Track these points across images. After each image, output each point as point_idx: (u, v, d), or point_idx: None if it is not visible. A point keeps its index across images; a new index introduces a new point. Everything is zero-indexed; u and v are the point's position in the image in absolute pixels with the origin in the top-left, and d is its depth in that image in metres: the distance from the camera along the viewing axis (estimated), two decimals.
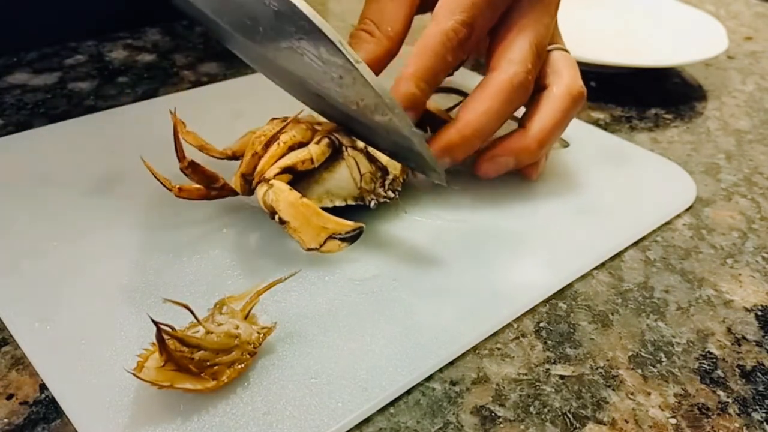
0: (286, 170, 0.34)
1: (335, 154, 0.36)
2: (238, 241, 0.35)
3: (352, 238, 0.32)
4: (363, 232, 0.32)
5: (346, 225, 0.32)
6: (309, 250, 0.32)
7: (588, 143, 0.47)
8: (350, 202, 0.35)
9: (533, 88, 0.38)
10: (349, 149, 0.36)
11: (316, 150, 0.35)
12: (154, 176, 0.34)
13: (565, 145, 0.45)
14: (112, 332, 0.29)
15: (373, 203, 0.35)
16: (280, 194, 0.32)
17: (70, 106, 0.48)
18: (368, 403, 0.27)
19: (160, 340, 0.25)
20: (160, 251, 0.34)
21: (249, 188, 0.35)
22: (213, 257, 0.34)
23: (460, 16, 0.36)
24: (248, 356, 0.27)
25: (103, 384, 0.27)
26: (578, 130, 0.48)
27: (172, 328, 0.26)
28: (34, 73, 0.53)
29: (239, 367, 0.27)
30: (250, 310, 0.29)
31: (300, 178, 0.35)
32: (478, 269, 0.34)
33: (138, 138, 0.42)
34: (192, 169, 0.33)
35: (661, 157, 0.46)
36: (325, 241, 0.32)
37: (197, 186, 0.34)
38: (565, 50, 0.41)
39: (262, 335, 0.28)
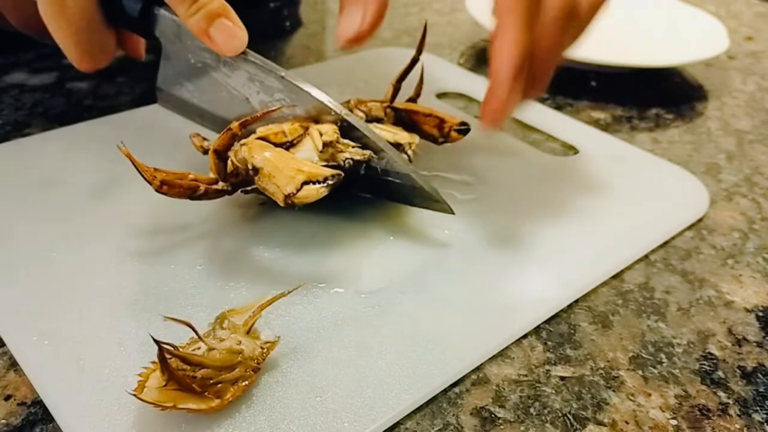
0: (259, 139, 0.33)
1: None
2: (241, 253, 0.34)
3: (331, 184, 0.31)
4: (342, 179, 0.31)
5: (324, 170, 0.31)
6: (286, 199, 0.31)
7: (597, 149, 0.46)
8: (321, 164, 0.33)
9: None
10: (315, 125, 0.35)
11: (288, 126, 0.34)
12: (134, 166, 0.32)
13: (575, 152, 0.45)
14: (112, 348, 0.28)
15: (347, 163, 0.33)
16: (254, 145, 0.32)
17: (68, 106, 0.48)
18: (375, 423, 0.26)
19: (162, 360, 0.24)
20: (160, 262, 0.33)
21: (224, 168, 0.33)
22: (214, 269, 0.33)
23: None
24: (252, 373, 0.27)
25: (102, 403, 0.26)
26: (586, 135, 0.48)
27: (174, 347, 0.25)
28: (32, 72, 0.53)
29: (243, 384, 0.26)
30: (252, 325, 0.28)
31: None
32: (485, 281, 0.34)
33: (138, 143, 0.41)
34: (167, 186, 0.32)
35: (673, 165, 0.45)
36: (301, 186, 0.30)
37: (180, 182, 0.33)
38: None
39: (265, 350, 0.27)
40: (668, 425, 0.28)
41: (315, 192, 0.30)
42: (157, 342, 0.24)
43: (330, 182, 0.31)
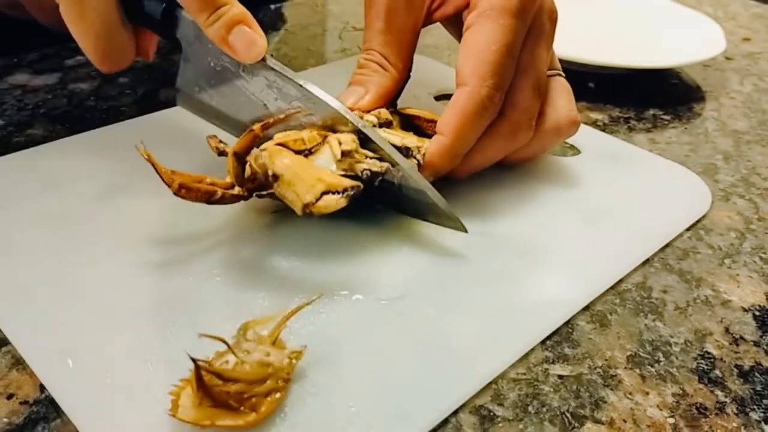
0: (279, 146, 0.33)
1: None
2: (257, 262, 0.34)
3: (350, 195, 0.30)
4: (361, 190, 0.31)
5: (344, 181, 0.31)
6: (304, 207, 0.30)
7: (599, 149, 0.46)
8: (338, 173, 0.33)
9: None
10: (334, 133, 0.35)
11: (307, 134, 0.34)
12: (153, 166, 0.32)
13: (576, 152, 0.45)
14: (138, 364, 0.28)
15: (365, 174, 0.33)
16: (275, 151, 0.32)
17: (70, 107, 0.49)
18: (411, 431, 0.26)
19: (199, 378, 0.24)
20: (178, 273, 0.33)
21: (242, 172, 0.33)
22: (233, 279, 0.33)
23: (492, 80, 0.35)
24: (283, 384, 0.26)
25: (136, 422, 0.26)
26: (587, 135, 0.48)
27: (209, 363, 0.25)
28: (34, 73, 0.53)
29: (277, 396, 0.26)
30: (278, 335, 0.28)
31: None
32: (504, 284, 0.34)
33: (152, 149, 0.40)
34: (186, 190, 0.32)
35: (675, 164, 0.45)
36: (321, 196, 0.30)
37: (198, 186, 0.33)
38: (561, 74, 0.41)
39: (293, 360, 0.27)
40: (666, 423, 0.28)
41: (334, 202, 0.30)
42: (194, 360, 0.24)
43: (349, 193, 0.30)
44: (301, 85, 0.35)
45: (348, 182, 0.31)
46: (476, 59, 0.36)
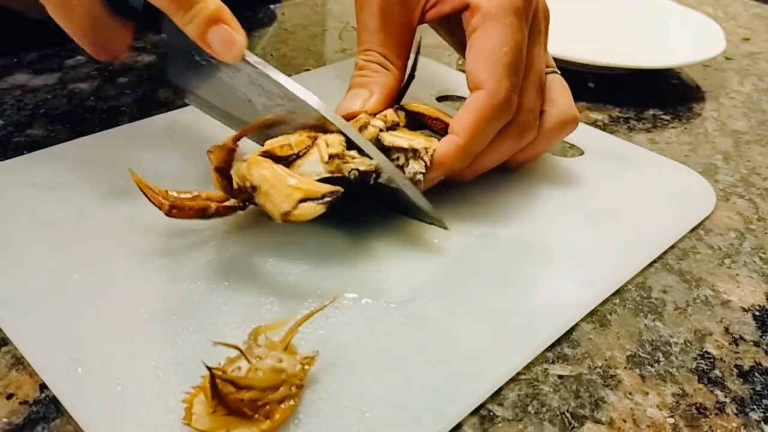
0: (264, 154, 0.33)
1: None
2: (265, 267, 0.34)
3: (328, 202, 0.30)
4: (340, 195, 0.30)
5: (322, 187, 0.30)
6: (283, 216, 0.30)
7: (602, 150, 0.46)
8: (325, 175, 0.33)
9: None
10: (324, 133, 0.35)
11: (295, 138, 0.34)
12: (141, 190, 0.32)
13: (578, 153, 0.45)
14: (149, 371, 0.27)
15: (352, 174, 0.33)
16: (253, 162, 0.32)
17: (70, 107, 0.49)
18: None
19: (214, 387, 0.24)
20: (185, 278, 0.32)
21: (230, 185, 0.33)
22: (241, 284, 0.32)
23: (508, 83, 0.36)
24: (297, 390, 0.26)
25: (149, 430, 0.25)
26: (590, 135, 0.48)
27: (223, 371, 0.25)
28: (34, 73, 0.53)
29: (291, 403, 0.26)
30: (290, 341, 0.28)
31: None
32: (512, 287, 0.33)
33: (152, 153, 0.38)
34: (177, 210, 0.32)
35: (678, 163, 0.46)
36: (297, 204, 0.30)
37: (190, 205, 0.33)
38: (557, 72, 0.42)
39: (305, 366, 0.27)
40: (665, 423, 0.28)
41: (312, 209, 0.30)
42: (209, 369, 0.24)
43: (327, 199, 0.30)
44: (281, 84, 0.34)
45: (326, 188, 0.30)
46: (490, 61, 0.36)
